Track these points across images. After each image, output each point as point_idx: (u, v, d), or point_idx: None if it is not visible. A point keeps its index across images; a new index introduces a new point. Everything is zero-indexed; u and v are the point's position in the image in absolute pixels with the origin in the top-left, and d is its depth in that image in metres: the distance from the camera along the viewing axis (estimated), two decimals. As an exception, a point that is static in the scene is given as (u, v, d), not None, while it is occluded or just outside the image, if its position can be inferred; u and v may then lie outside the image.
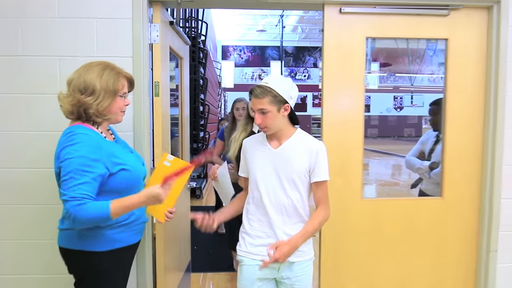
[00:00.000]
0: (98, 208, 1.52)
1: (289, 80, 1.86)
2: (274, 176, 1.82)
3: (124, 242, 1.72)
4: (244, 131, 2.56)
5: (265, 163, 1.84)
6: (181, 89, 3.07)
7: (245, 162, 1.94)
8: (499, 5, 2.32)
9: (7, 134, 2.19)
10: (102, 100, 1.64)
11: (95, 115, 1.64)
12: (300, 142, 1.85)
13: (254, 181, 1.86)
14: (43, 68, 2.16)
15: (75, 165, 1.52)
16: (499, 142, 2.38)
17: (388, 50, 21.83)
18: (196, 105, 7.12)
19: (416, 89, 22.40)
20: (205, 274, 3.85)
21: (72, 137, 1.57)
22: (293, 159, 1.82)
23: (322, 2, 2.32)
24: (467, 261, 2.52)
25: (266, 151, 1.85)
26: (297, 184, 1.82)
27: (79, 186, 1.51)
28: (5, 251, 2.24)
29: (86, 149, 1.55)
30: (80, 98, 1.62)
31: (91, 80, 1.63)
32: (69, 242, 1.68)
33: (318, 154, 1.82)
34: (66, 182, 1.52)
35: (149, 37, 2.24)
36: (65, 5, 2.15)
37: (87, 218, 1.50)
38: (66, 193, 1.50)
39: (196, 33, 7.28)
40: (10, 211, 2.23)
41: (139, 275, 2.29)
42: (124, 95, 1.74)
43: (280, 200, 1.82)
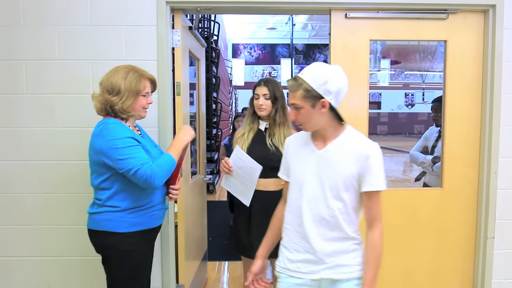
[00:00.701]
0: (164, 159, 1.86)
1: (332, 70, 1.52)
2: (316, 181, 1.55)
3: (143, 225, 1.91)
4: (252, 129, 2.41)
5: (307, 165, 1.59)
6: (198, 88, 3.29)
7: (286, 162, 1.70)
8: (494, 9, 2.48)
9: (42, 130, 2.43)
10: (126, 99, 1.85)
11: (120, 112, 1.86)
12: (348, 143, 1.56)
13: (293, 185, 1.63)
14: (77, 71, 2.40)
15: (122, 145, 1.77)
16: (495, 137, 2.54)
17: (399, 47, 21.77)
18: (209, 103, 7.35)
19: (427, 86, 22.31)
20: (220, 262, 4.07)
21: (105, 126, 1.81)
22: (339, 163, 1.54)
23: (329, 8, 2.51)
24: (466, 247, 2.68)
25: (309, 151, 1.59)
26: (341, 192, 1.53)
27: (137, 156, 1.77)
28: (46, 235, 2.49)
29: (121, 132, 1.80)
30: (108, 97, 1.85)
31: (116, 81, 1.85)
32: (95, 224, 1.89)
33: (368, 158, 1.52)
34: (124, 160, 1.76)
35: (171, 41, 2.46)
36: (96, 14, 2.38)
37: (163, 169, 1.82)
38: (132, 166, 1.75)
39: (208, 33, 7.49)
40: (45, 200, 2.47)
41: (164, 260, 2.51)
42: (147, 94, 1.94)
43: (320, 210, 1.54)
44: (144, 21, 2.38)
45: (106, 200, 1.85)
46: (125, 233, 1.86)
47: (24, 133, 2.43)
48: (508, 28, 2.48)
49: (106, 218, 1.86)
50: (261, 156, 2.30)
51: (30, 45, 2.39)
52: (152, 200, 1.92)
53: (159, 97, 2.40)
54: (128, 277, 1.88)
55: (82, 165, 2.39)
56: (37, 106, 2.41)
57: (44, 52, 2.39)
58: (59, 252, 2.49)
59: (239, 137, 2.41)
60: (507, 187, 2.58)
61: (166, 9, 2.39)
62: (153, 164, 1.79)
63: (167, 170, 1.86)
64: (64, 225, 2.47)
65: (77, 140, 2.39)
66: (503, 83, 2.52)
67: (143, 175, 1.75)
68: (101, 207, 1.87)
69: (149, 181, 1.77)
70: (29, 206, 2.46)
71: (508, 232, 2.61)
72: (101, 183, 1.86)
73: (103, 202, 1.86)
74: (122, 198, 1.85)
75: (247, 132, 2.40)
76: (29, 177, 2.45)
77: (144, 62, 2.33)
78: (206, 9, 2.57)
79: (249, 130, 2.41)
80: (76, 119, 2.41)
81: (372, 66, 20.72)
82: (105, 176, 1.84)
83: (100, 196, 1.88)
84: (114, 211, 1.85)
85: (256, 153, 2.31)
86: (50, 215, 2.47)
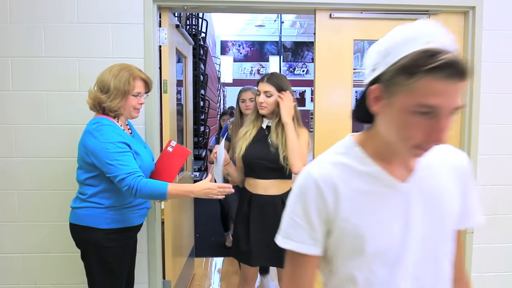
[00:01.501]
0: (158, 185, 1.81)
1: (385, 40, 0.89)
2: (418, 237, 0.89)
3: (124, 223, 1.94)
4: (255, 127, 2.28)
5: (392, 217, 0.89)
6: (185, 85, 3.31)
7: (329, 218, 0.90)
8: (474, 10, 2.55)
9: (31, 127, 2.44)
10: (114, 98, 1.85)
11: (108, 110, 1.87)
12: (440, 155, 0.95)
13: (371, 254, 0.89)
14: (64, 68, 2.40)
15: (113, 150, 1.77)
16: (474, 135, 2.62)
17: (386, 45, 21.91)
18: (196, 100, 7.35)
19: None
20: (207, 258, 4.11)
21: (99, 127, 1.81)
22: (444, 193, 0.93)
23: (314, 8, 2.56)
24: (446, 242, 2.77)
25: (388, 191, 0.89)
26: (452, 242, 0.95)
27: (126, 164, 1.77)
28: (32, 232, 2.50)
29: (113, 136, 1.80)
30: (98, 94, 1.86)
31: (107, 80, 1.86)
32: (77, 218, 1.91)
33: (469, 175, 0.98)
34: (113, 166, 1.75)
35: (158, 39, 2.48)
36: (84, 11, 2.38)
37: (148, 191, 1.77)
38: (120, 173, 1.75)
39: (196, 30, 7.48)
40: (31, 197, 2.48)
41: (150, 256, 2.54)
42: (138, 94, 1.93)
43: (430, 279, 0.92)
44: (131, 19, 2.40)
45: (91, 196, 1.88)
46: (106, 229, 1.88)
47: (11, 130, 2.43)
48: (487, 29, 2.56)
49: (88, 213, 1.88)
50: (259, 156, 2.19)
51: (17, 42, 2.38)
52: (135, 199, 1.94)
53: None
54: (106, 272, 1.91)
55: (69, 162, 2.41)
56: (23, 103, 2.41)
57: (30, 49, 2.39)
58: (45, 249, 2.50)
59: (241, 135, 2.29)
60: (486, 183, 2.66)
61: (153, 8, 2.41)
62: (143, 180, 1.77)
63: (152, 194, 1.81)
64: (50, 221, 2.48)
65: (64, 137, 2.40)
66: (482, 83, 2.59)
67: (127, 185, 1.75)
68: (84, 202, 1.89)
69: (131, 192, 1.76)
70: (16, 202, 2.46)
71: (487, 227, 2.68)
72: (87, 179, 1.88)
73: (86, 198, 1.88)
74: (107, 197, 1.88)
75: (250, 130, 2.28)
76: (16, 173, 2.45)
77: (131, 60, 2.34)
78: (193, 7, 2.59)
79: (252, 127, 2.29)
80: (63, 116, 2.42)
81: (360, 64, 20.90)
82: (92, 174, 1.86)
83: (85, 191, 1.89)
84: (97, 207, 1.87)
85: (254, 152, 2.20)
86: (37, 211, 2.48)
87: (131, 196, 1.78)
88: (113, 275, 1.93)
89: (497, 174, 2.67)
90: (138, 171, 1.79)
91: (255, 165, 2.20)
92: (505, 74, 2.61)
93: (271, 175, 2.18)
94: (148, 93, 2.03)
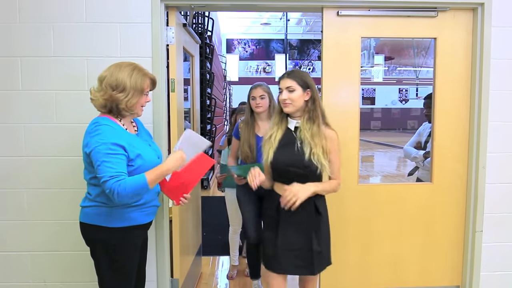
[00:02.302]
0: (136, 180, 1.78)
1: None
2: None
3: (135, 221, 1.94)
4: (279, 129, 2.09)
5: None
6: (192, 84, 3.32)
7: None
8: (483, 7, 2.53)
9: (40, 126, 2.46)
10: (132, 97, 1.86)
11: (124, 110, 1.87)
12: None
13: None
14: (72, 67, 2.42)
15: (103, 151, 1.76)
16: (483, 133, 2.60)
17: (393, 43, 21.87)
18: (203, 99, 7.36)
19: (421, 82, 22.45)
20: (214, 257, 4.12)
21: (97, 127, 1.81)
22: None
23: (321, 5, 2.55)
24: (454, 241, 2.75)
25: None
26: None
27: (112, 166, 1.75)
28: (41, 230, 2.52)
29: (108, 137, 1.79)
30: (112, 94, 1.85)
31: (122, 78, 1.84)
32: (86, 217, 1.92)
33: None
34: (100, 167, 1.76)
35: (165, 38, 2.49)
36: (91, 11, 2.40)
37: (129, 191, 1.75)
38: (104, 174, 1.74)
39: (203, 29, 7.49)
40: (41, 195, 2.50)
41: (158, 254, 2.55)
42: (147, 93, 1.96)
43: None
44: (139, 18, 2.41)
45: (96, 196, 1.89)
46: (114, 228, 1.89)
47: (20, 129, 2.45)
48: (496, 26, 2.54)
49: (97, 212, 1.89)
50: (289, 163, 2.01)
51: (26, 42, 2.40)
52: (143, 197, 1.94)
53: (154, 93, 2.42)
54: (115, 271, 1.92)
55: (77, 160, 2.40)
56: (32, 102, 2.43)
57: (39, 49, 2.41)
58: (54, 247, 2.52)
59: (266, 139, 2.10)
60: (495, 181, 2.65)
61: (160, 7, 2.42)
62: (123, 181, 1.75)
63: (134, 191, 1.78)
64: (59, 220, 2.50)
65: (72, 136, 2.41)
66: (491, 80, 2.57)
67: (108, 188, 1.74)
68: (91, 201, 1.90)
69: (112, 196, 1.75)
70: (25, 201, 2.49)
71: (496, 226, 2.68)
72: (91, 179, 1.89)
73: (93, 197, 1.89)
74: None
75: (275, 133, 2.08)
76: (25, 172, 2.47)
77: (139, 59, 2.34)
78: (200, 6, 2.59)
79: (277, 130, 2.09)
80: (71, 115, 2.44)
81: (366, 62, 20.82)
82: (94, 174, 1.86)
83: (91, 191, 1.91)
84: (103, 206, 1.88)
85: (283, 158, 2.02)
86: (45, 210, 2.50)
87: (113, 199, 1.77)
88: (122, 273, 1.94)
89: (506, 172, 2.65)
90: (122, 174, 1.76)
91: (285, 173, 2.03)
92: (514, 71, 2.58)
93: (302, 180, 2.00)
94: (152, 90, 2.04)
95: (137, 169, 1.86)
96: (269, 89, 2.89)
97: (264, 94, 2.80)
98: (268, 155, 2.05)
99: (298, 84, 2.01)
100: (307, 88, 2.03)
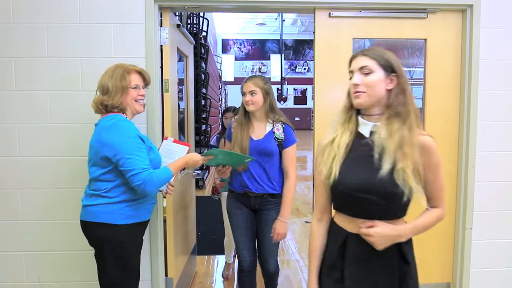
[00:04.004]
0: (163, 172, 1.94)
1: None
2: None
3: (139, 217, 1.99)
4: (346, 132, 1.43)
5: None
6: (186, 84, 3.34)
7: None
8: (471, 8, 2.57)
9: (34, 127, 2.47)
10: (115, 96, 1.92)
11: (111, 107, 1.92)
12: None
13: None
14: (66, 68, 2.43)
15: (132, 145, 1.85)
16: (473, 132, 2.65)
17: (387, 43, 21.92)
18: (198, 99, 7.39)
19: (415, 82, 22.53)
20: (209, 256, 4.14)
21: (118, 123, 1.88)
22: None
23: (313, 7, 2.58)
24: (445, 238, 2.79)
25: None
26: None
27: (142, 159, 1.85)
28: (35, 230, 2.53)
29: (133, 131, 1.88)
30: (100, 97, 1.95)
31: (105, 81, 1.94)
32: (92, 216, 1.93)
33: None
34: (130, 160, 1.83)
35: (159, 39, 2.51)
36: (85, 12, 2.42)
37: (158, 182, 1.89)
38: (136, 167, 1.83)
39: (197, 29, 7.52)
40: (35, 195, 2.51)
41: (153, 254, 2.57)
42: (137, 87, 1.99)
43: None
44: (132, 19, 2.43)
45: (107, 191, 1.91)
46: (122, 225, 1.92)
47: (14, 129, 2.46)
48: (485, 27, 2.58)
49: (105, 210, 1.91)
50: (363, 187, 1.33)
51: (20, 43, 2.42)
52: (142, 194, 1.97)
53: (148, 93, 2.43)
54: (121, 268, 1.94)
55: (72, 161, 2.45)
56: (27, 103, 2.45)
57: (33, 49, 2.42)
58: (48, 247, 2.54)
59: (326, 144, 1.44)
60: (484, 180, 2.69)
61: (154, 8, 2.44)
62: (152, 172, 1.87)
63: (162, 181, 1.93)
64: (53, 220, 2.51)
65: (67, 136, 2.43)
66: (480, 80, 2.61)
67: (140, 180, 1.83)
68: (99, 198, 1.91)
69: (142, 188, 1.85)
70: (19, 201, 2.50)
71: (486, 223, 2.72)
72: (103, 175, 1.91)
73: (102, 193, 1.91)
74: (123, 191, 1.92)
75: (339, 137, 1.42)
76: (19, 172, 2.48)
77: (133, 59, 2.36)
78: (194, 7, 2.62)
79: (342, 133, 1.42)
80: (66, 115, 2.45)
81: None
82: (108, 168, 1.90)
83: (100, 187, 1.92)
84: (112, 202, 1.91)
85: (355, 179, 1.35)
86: (40, 210, 2.51)
87: (140, 190, 1.87)
88: (128, 271, 1.97)
89: (495, 171, 2.69)
90: (150, 167, 1.89)
91: (356, 201, 1.36)
92: (502, 71, 2.63)
93: (380, 213, 1.34)
94: (148, 85, 2.08)
95: (151, 162, 1.94)
96: (264, 82, 2.38)
97: (255, 90, 2.33)
98: (331, 173, 1.38)
99: (379, 64, 1.36)
100: (392, 72, 1.36)
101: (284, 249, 4.34)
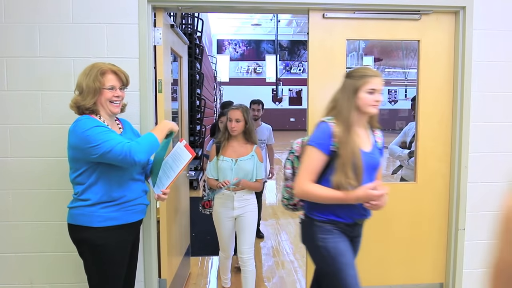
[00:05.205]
0: (145, 137, 1.90)
1: None
2: None
3: (118, 220, 1.93)
4: None
5: None
6: (180, 85, 3.33)
7: None
8: (464, 10, 2.59)
9: (26, 127, 2.45)
10: (88, 96, 1.89)
11: (84, 108, 1.90)
12: None
13: None
14: (59, 68, 2.42)
15: (94, 132, 1.79)
16: (465, 133, 2.66)
17: (382, 44, 22.02)
18: (192, 100, 7.37)
19: (410, 83, 22.64)
20: (203, 257, 4.13)
21: (78, 123, 1.85)
22: None
23: (307, 8, 2.58)
24: (438, 238, 2.81)
25: None
26: None
27: (111, 138, 1.80)
28: (27, 231, 2.51)
29: (91, 122, 1.83)
30: (75, 96, 1.93)
31: (80, 81, 1.92)
32: (72, 218, 1.93)
33: None
34: (99, 145, 1.77)
35: (153, 39, 2.50)
36: (78, 12, 2.40)
37: (142, 146, 1.83)
38: (112, 143, 1.77)
39: (192, 29, 7.51)
40: (26, 196, 2.49)
41: (146, 255, 2.55)
42: (113, 88, 1.93)
43: None
44: (126, 19, 2.42)
45: (80, 194, 1.90)
46: (99, 228, 1.89)
47: (5, 129, 2.44)
48: (478, 29, 2.60)
49: (80, 212, 1.90)
50: None
51: (12, 43, 2.40)
52: (126, 194, 1.94)
53: (141, 94, 2.44)
54: (102, 271, 1.92)
55: (63, 161, 2.40)
56: (18, 103, 2.43)
57: (25, 49, 2.40)
58: (40, 248, 2.52)
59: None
60: (477, 180, 2.71)
61: (148, 8, 2.43)
62: (131, 142, 1.83)
63: (147, 145, 1.86)
64: (45, 221, 2.49)
65: (59, 136, 2.41)
66: (472, 81, 2.63)
67: (120, 153, 1.78)
68: (76, 201, 1.92)
69: (127, 158, 1.79)
70: (11, 202, 2.48)
71: (478, 224, 2.74)
72: (76, 178, 1.90)
73: (78, 196, 1.91)
74: (95, 191, 1.89)
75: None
76: (10, 173, 2.46)
77: (126, 60, 2.37)
78: (187, 8, 2.61)
79: None
80: (57, 116, 2.43)
81: (355, 64, 20.95)
82: (80, 171, 1.88)
83: (76, 190, 1.92)
84: (86, 205, 1.88)
85: None
86: (31, 211, 2.49)
87: (130, 161, 1.80)
88: (109, 274, 1.94)
89: (487, 172, 2.71)
90: (126, 140, 1.82)
91: None
92: (495, 73, 2.65)
93: None
94: (126, 86, 2.02)
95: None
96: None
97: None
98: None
99: None
100: None
101: (279, 250, 4.34)
